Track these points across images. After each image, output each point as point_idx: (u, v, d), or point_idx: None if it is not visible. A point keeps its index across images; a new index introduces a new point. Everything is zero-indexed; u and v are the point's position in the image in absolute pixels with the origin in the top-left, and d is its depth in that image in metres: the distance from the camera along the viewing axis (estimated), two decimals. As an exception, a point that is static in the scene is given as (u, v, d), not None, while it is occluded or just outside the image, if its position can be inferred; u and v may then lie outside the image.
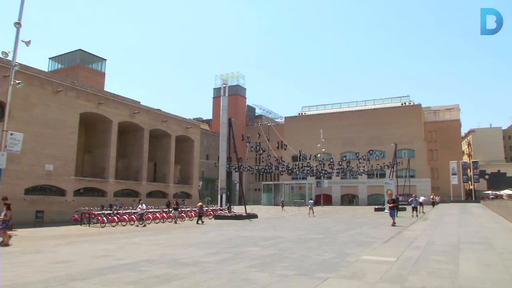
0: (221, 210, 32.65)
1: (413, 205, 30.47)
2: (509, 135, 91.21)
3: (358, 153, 54.68)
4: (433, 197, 50.94)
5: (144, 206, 24.76)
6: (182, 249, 12.25)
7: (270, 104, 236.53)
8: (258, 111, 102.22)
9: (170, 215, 27.08)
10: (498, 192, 62.28)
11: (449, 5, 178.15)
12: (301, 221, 26.76)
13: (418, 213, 30.64)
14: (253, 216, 30.39)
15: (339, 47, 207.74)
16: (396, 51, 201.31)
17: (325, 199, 65.12)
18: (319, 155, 62.04)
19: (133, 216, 24.68)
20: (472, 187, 76.01)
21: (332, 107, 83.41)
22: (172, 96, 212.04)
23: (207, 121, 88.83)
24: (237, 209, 36.50)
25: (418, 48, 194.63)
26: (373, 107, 77.98)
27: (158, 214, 26.91)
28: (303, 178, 69.80)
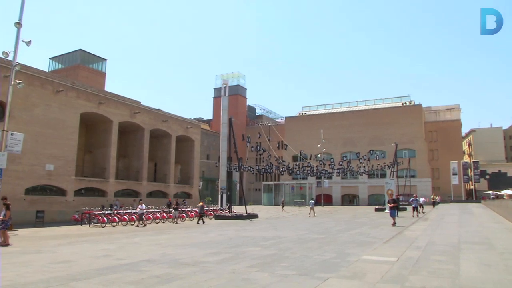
0: (221, 210, 32.67)
1: (414, 205, 30.56)
2: (510, 135, 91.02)
3: (358, 153, 54.59)
4: (433, 197, 50.89)
5: (143, 206, 24.76)
6: (182, 249, 12.25)
7: (270, 104, 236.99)
8: (258, 111, 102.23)
9: (171, 215, 27.12)
10: (499, 192, 62.20)
11: (449, 5, 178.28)
12: (301, 221, 26.76)
13: (418, 213, 30.74)
14: (253, 216, 30.41)
15: (339, 47, 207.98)
16: (396, 51, 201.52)
17: (326, 199, 65.10)
18: (319, 155, 62.06)
19: (133, 216, 24.70)
20: (472, 187, 75.95)
21: (333, 107, 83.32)
22: (173, 96, 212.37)
23: (208, 121, 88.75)
24: (238, 209, 36.50)
25: (418, 48, 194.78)
26: (373, 107, 77.90)
27: (159, 214, 26.95)
28: (304, 178, 69.69)
